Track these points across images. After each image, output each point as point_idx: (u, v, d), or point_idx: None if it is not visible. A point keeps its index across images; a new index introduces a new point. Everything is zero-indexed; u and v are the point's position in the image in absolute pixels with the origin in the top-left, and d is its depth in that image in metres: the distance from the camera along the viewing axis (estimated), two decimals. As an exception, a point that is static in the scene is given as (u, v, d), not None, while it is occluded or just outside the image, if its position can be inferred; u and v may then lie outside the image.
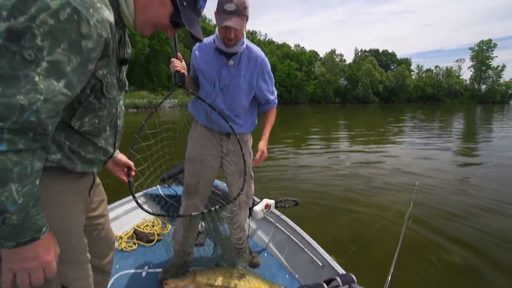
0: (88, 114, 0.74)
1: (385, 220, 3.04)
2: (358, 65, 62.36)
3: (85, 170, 0.81)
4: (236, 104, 1.59)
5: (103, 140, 0.83)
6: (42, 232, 0.63)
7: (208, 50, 1.55)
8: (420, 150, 7.70)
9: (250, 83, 1.57)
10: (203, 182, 1.69)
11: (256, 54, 1.55)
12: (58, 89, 0.58)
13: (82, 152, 0.77)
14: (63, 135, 0.72)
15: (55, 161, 0.72)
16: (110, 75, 0.75)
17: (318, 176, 4.94)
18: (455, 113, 25.28)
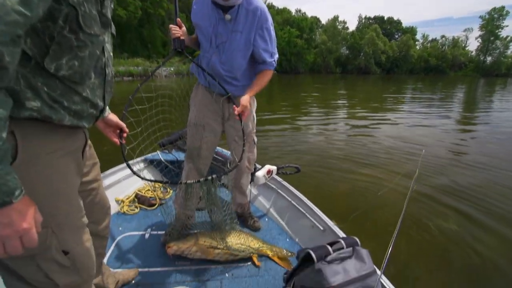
0: (65, 53, 0.64)
1: (388, 187, 3.07)
2: (361, 33, 59.74)
3: (74, 124, 0.73)
4: (233, 63, 1.47)
5: (89, 90, 0.74)
6: (14, 195, 0.53)
7: (205, 3, 1.42)
8: (422, 119, 7.73)
9: (247, 40, 1.42)
10: (205, 147, 1.66)
11: (256, 5, 1.38)
12: (11, 5, 0.47)
13: (65, 102, 0.69)
14: (40, 79, 0.62)
15: (36, 110, 0.62)
16: (88, 4, 0.64)
17: (319, 144, 4.97)
18: (457, 86, 24.86)
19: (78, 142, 0.82)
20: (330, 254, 1.05)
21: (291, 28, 49.29)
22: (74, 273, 0.78)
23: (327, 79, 33.16)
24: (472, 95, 16.97)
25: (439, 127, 6.82)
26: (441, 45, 70.13)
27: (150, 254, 1.64)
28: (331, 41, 54.42)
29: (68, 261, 0.75)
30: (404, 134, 5.87)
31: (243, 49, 1.43)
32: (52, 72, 0.63)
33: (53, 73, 0.64)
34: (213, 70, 1.50)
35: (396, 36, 72.53)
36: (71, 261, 0.76)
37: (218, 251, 1.54)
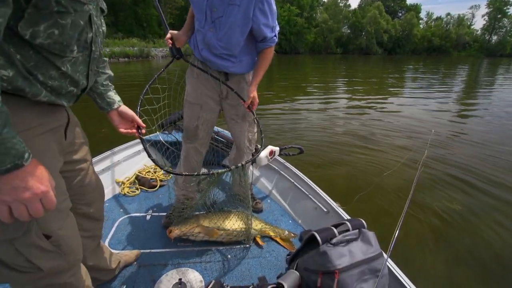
0: (43, 19, 0.58)
1: (394, 168, 3.03)
2: (363, 11, 57.75)
3: (52, 100, 0.68)
4: (230, 40, 1.35)
5: (69, 65, 0.68)
6: (24, 158, 0.54)
7: None
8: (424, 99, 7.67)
9: (246, 14, 1.29)
10: (203, 127, 1.59)
11: None
12: None
13: (41, 76, 0.63)
14: (13, 47, 0.57)
15: (7, 80, 0.58)
16: None
17: (321, 124, 4.92)
18: (460, 66, 24.40)
19: (59, 120, 0.77)
20: (336, 236, 1.03)
21: (291, 6, 47.52)
22: (59, 257, 0.75)
23: (328, 60, 32.47)
24: (474, 75, 16.70)
25: (442, 107, 6.77)
26: (446, 24, 68.15)
27: (151, 236, 1.63)
28: (332, 20, 52.76)
29: (50, 246, 0.72)
30: (407, 114, 5.81)
31: (241, 24, 1.31)
32: (27, 38, 0.57)
33: (28, 40, 0.58)
34: (209, 46, 1.40)
35: (399, 14, 70.31)
36: (54, 245, 0.73)
37: (220, 232, 1.52)
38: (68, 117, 0.82)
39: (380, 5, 57.79)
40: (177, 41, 1.47)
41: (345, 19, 56.33)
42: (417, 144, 3.99)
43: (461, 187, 2.94)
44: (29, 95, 0.63)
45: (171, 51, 1.46)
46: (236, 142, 1.74)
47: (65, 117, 0.80)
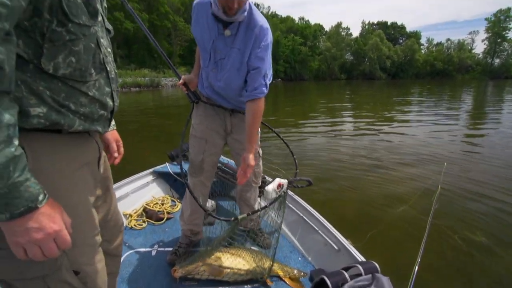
0: (59, 50, 0.61)
1: (408, 203, 2.88)
2: (365, 39, 59.90)
3: (87, 128, 0.70)
4: (229, 82, 1.38)
5: (95, 90, 0.71)
6: (39, 200, 0.54)
7: (205, 13, 1.31)
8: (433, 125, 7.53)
9: (243, 58, 1.31)
10: (208, 160, 1.61)
11: (256, 23, 1.28)
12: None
13: (72, 105, 0.66)
14: (42, 83, 0.60)
15: (43, 116, 0.60)
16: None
17: (329, 153, 4.82)
18: (465, 89, 24.44)
19: (93, 153, 0.79)
20: (347, 282, 0.98)
21: (295, 36, 49.77)
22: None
23: (332, 85, 33.14)
24: (481, 98, 16.65)
25: (451, 132, 6.64)
26: (447, 49, 69.63)
27: (156, 273, 1.58)
28: (335, 47, 54.68)
29: (78, 282, 0.71)
30: (417, 142, 5.69)
31: (239, 67, 1.33)
32: (51, 72, 0.61)
33: (53, 74, 0.61)
34: (211, 85, 1.47)
35: (400, 40, 72.52)
36: (81, 282, 0.72)
37: (227, 271, 1.47)
38: (100, 149, 0.84)
39: (381, 33, 59.98)
40: (190, 84, 1.52)
41: (348, 46, 58.36)
42: (428, 174, 3.83)
43: (481, 215, 2.78)
44: (65, 126, 0.65)
45: (189, 97, 1.51)
46: None
47: (97, 149, 0.82)
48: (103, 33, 0.77)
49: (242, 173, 1.37)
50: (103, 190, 0.92)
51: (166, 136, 6.35)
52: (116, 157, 1.05)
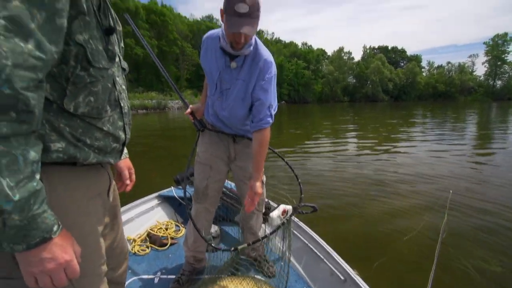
0: (80, 92, 0.66)
1: (414, 232, 2.79)
2: (366, 62, 61.42)
3: (100, 160, 0.75)
4: (234, 111, 1.45)
5: (109, 125, 0.76)
6: (53, 231, 0.57)
7: (213, 46, 1.40)
8: (437, 148, 7.45)
9: (247, 89, 1.38)
10: (212, 186, 1.63)
11: (261, 56, 1.36)
12: (28, 51, 0.50)
13: (88, 140, 0.71)
14: (63, 121, 0.65)
15: (61, 151, 0.65)
16: (93, 40, 0.66)
17: (333, 178, 4.75)
18: (468, 111, 24.45)
19: (104, 183, 0.83)
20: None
21: (298, 60, 51.34)
22: None
23: (336, 108, 33.50)
24: (485, 119, 16.60)
25: (457, 155, 6.57)
26: (448, 71, 70.76)
27: (159, 302, 1.55)
28: (338, 71, 55.99)
29: None
30: (422, 164, 5.62)
31: (243, 97, 1.41)
32: (72, 111, 0.66)
33: (73, 113, 0.66)
34: (215, 113, 1.53)
35: (401, 64, 74.11)
36: None
37: (231, 301, 1.43)
38: (110, 179, 0.87)
39: (382, 57, 61.56)
40: (197, 113, 1.60)
41: (350, 70, 59.74)
42: (435, 199, 3.74)
43: (494, 243, 2.67)
44: (80, 160, 0.69)
45: (195, 125, 1.58)
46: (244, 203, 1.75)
47: (108, 179, 0.85)
48: (119, 72, 0.83)
49: (249, 201, 1.39)
50: (111, 218, 0.94)
51: (172, 158, 6.41)
52: (127, 184, 1.08)
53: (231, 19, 1.17)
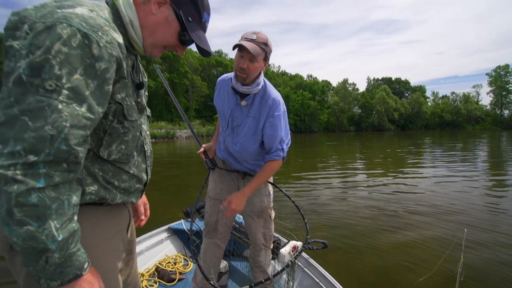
0: (114, 141, 0.75)
1: (431, 271, 2.65)
2: (371, 93, 62.64)
3: (125, 200, 0.82)
4: (244, 146, 1.53)
5: (134, 168, 0.85)
6: (84, 268, 0.63)
7: (225, 87, 1.55)
8: (449, 179, 7.26)
9: (257, 126, 1.48)
10: (222, 221, 1.66)
11: (269, 95, 1.47)
12: (82, 113, 0.59)
13: (116, 182, 0.78)
14: (97, 166, 0.74)
15: (94, 193, 0.73)
16: (129, 97, 0.76)
17: (343, 211, 4.62)
18: (477, 140, 24.10)
19: (124, 221, 0.89)
20: None
21: (303, 91, 52.77)
22: None
23: (342, 137, 33.54)
24: (496, 148, 16.29)
25: (471, 186, 6.39)
26: (453, 101, 71.24)
27: None
28: (343, 101, 57.01)
29: None
30: (435, 197, 5.43)
31: (253, 133, 1.50)
32: (106, 158, 0.75)
33: (106, 159, 0.75)
34: (227, 148, 1.62)
35: (406, 94, 75.15)
36: None
37: None
38: (130, 216, 0.93)
39: (386, 88, 62.78)
40: (209, 151, 1.70)
41: (355, 100, 60.76)
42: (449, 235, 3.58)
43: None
44: (109, 200, 0.77)
45: (206, 163, 1.66)
46: (252, 238, 1.75)
47: (128, 217, 0.91)
48: (145, 120, 0.94)
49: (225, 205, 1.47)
50: (127, 253, 0.98)
51: (179, 188, 6.45)
52: (142, 219, 1.14)
53: (239, 44, 1.31)
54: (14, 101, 0.54)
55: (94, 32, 0.61)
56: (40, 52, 0.55)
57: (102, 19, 0.66)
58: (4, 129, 0.53)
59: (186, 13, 0.80)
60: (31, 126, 0.53)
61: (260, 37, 1.34)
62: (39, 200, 0.54)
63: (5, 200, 0.53)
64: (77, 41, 0.58)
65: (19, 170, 0.53)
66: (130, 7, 0.75)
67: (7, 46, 0.58)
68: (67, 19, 0.58)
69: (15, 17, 0.60)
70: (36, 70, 0.55)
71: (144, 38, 0.79)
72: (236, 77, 1.41)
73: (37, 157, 0.54)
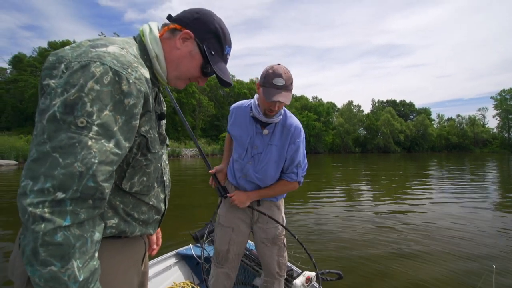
0: (136, 173, 0.75)
1: None
2: (376, 115, 62.88)
3: (143, 232, 0.82)
4: (266, 173, 1.56)
5: (154, 199, 0.84)
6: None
7: (243, 115, 1.57)
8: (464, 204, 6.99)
9: (281, 153, 1.53)
10: (233, 250, 1.64)
11: (291, 123, 1.53)
12: (110, 149, 0.60)
13: (136, 214, 0.78)
14: (118, 198, 0.74)
15: (114, 226, 0.73)
16: (152, 130, 0.77)
17: (356, 239, 4.39)
18: (486, 164, 23.62)
19: (140, 252, 0.87)
20: None
21: (309, 112, 53.32)
22: None
23: (348, 159, 33.24)
24: (507, 173, 15.88)
25: (485, 211, 6.17)
26: (459, 123, 70.94)
27: None
28: (348, 123, 57.22)
29: None
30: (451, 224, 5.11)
31: (277, 160, 1.54)
32: (127, 190, 0.75)
33: (128, 191, 0.75)
34: (246, 176, 1.60)
35: (411, 116, 75.23)
36: None
37: None
38: (145, 246, 0.91)
39: (391, 110, 63.09)
40: (220, 174, 1.70)
41: (360, 122, 60.95)
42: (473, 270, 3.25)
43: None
44: (128, 233, 0.77)
45: (218, 190, 1.65)
46: (265, 267, 1.71)
47: (144, 247, 0.89)
48: (165, 149, 0.94)
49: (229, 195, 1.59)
50: (139, 285, 0.96)
51: (185, 208, 6.39)
52: (154, 248, 1.11)
53: (269, 90, 1.34)
54: (47, 138, 0.55)
55: (124, 69, 0.64)
56: (74, 91, 0.57)
57: (131, 55, 0.69)
58: (35, 166, 0.54)
59: (209, 47, 0.82)
60: (61, 163, 0.54)
61: (287, 78, 1.35)
62: (64, 239, 0.54)
63: (32, 239, 0.53)
64: (108, 78, 0.60)
65: (47, 207, 0.53)
66: (157, 42, 0.79)
67: (44, 84, 0.61)
68: (100, 57, 0.61)
69: (53, 57, 0.63)
70: (70, 107, 0.56)
71: (169, 71, 0.81)
72: (264, 115, 1.46)
73: (65, 194, 0.54)
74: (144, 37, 0.79)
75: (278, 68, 1.36)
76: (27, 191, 0.53)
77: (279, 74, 1.33)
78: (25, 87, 31.52)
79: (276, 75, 1.33)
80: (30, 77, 32.84)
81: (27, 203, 0.53)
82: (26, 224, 0.53)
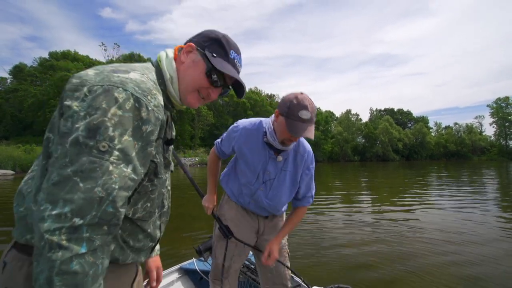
0: (141, 199, 0.74)
1: None
2: (374, 123, 63.16)
3: (134, 261, 0.78)
4: (278, 199, 1.54)
5: (152, 225, 0.81)
6: None
7: (255, 139, 1.47)
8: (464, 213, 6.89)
9: (294, 179, 1.52)
10: (235, 265, 1.61)
11: (304, 148, 1.52)
12: (128, 174, 0.60)
13: (131, 241, 0.76)
14: None
15: (110, 254, 0.69)
16: (159, 154, 0.76)
17: (361, 252, 4.25)
18: (485, 172, 23.62)
19: (130, 276, 0.83)
20: None
21: (307, 121, 53.33)
22: None
23: (347, 167, 33.17)
24: (506, 181, 15.85)
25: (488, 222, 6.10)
26: (456, 131, 71.30)
27: None
28: (346, 131, 57.38)
29: None
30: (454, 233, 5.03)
31: (290, 186, 1.52)
32: (130, 216, 0.73)
33: (130, 217, 0.73)
34: (256, 201, 1.57)
35: (409, 125, 75.64)
36: None
37: None
38: (137, 271, 0.86)
39: (389, 118, 63.41)
40: (210, 202, 1.69)
41: (358, 130, 61.13)
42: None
43: None
44: (120, 261, 0.74)
45: (223, 231, 1.58)
46: (270, 279, 1.68)
47: (135, 271, 0.85)
48: (168, 174, 0.92)
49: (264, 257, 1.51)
50: None
51: (185, 218, 6.33)
52: (154, 286, 1.06)
53: (294, 124, 1.24)
54: (69, 161, 0.55)
55: (145, 96, 0.65)
56: (98, 115, 0.57)
57: (151, 81, 0.72)
58: (55, 189, 0.54)
59: (210, 51, 0.83)
60: (81, 187, 0.54)
61: (312, 110, 1.26)
62: (80, 267, 0.53)
63: (47, 268, 0.51)
64: (130, 104, 0.61)
65: (64, 234, 0.52)
66: (172, 65, 0.81)
67: (65, 105, 0.60)
68: (123, 83, 0.62)
69: (77, 80, 0.63)
70: (93, 131, 0.56)
71: (179, 88, 0.81)
72: (281, 143, 1.38)
73: (82, 220, 0.53)
74: (160, 62, 0.82)
75: (303, 99, 1.26)
76: (45, 216, 0.52)
77: (305, 106, 1.24)
78: (24, 97, 31.53)
79: (301, 106, 1.24)
80: (30, 86, 32.94)
81: (44, 229, 0.52)
82: (42, 251, 0.52)
